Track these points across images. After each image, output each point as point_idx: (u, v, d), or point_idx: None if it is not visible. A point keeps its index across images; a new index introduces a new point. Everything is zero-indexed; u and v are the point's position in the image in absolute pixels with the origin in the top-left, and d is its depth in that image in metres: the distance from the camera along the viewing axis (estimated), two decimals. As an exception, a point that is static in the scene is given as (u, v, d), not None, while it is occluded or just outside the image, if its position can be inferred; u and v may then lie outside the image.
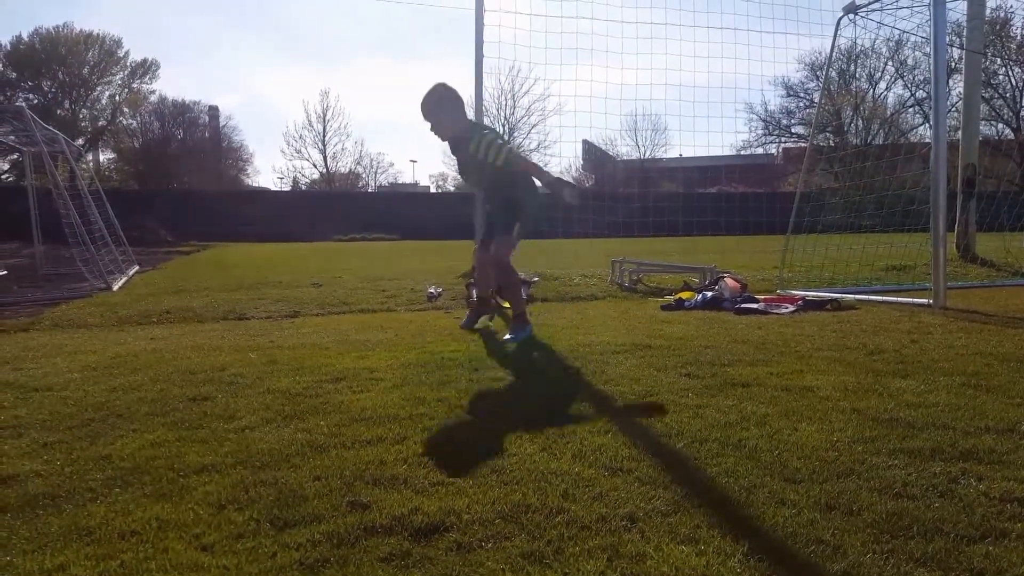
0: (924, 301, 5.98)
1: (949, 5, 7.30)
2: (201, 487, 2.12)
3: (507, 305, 5.17)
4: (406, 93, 76.67)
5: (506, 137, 5.21)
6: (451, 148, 4.90)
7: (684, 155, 39.66)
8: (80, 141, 39.51)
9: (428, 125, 4.66)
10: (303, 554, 1.69)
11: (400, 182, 56.32)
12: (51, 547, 1.76)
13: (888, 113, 43.47)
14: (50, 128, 11.88)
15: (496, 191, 4.93)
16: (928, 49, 6.37)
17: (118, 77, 45.70)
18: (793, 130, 46.65)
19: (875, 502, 1.92)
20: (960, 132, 10.41)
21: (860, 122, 43.35)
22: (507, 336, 4.61)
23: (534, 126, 44.81)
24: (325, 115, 49.59)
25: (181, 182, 45.49)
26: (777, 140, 47.71)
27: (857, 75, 43.99)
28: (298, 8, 75.97)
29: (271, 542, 1.76)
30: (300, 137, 51.17)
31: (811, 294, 6.74)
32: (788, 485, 2.06)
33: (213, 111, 49.95)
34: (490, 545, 1.73)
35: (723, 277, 7.04)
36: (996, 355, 3.82)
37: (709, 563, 1.62)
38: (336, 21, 78.88)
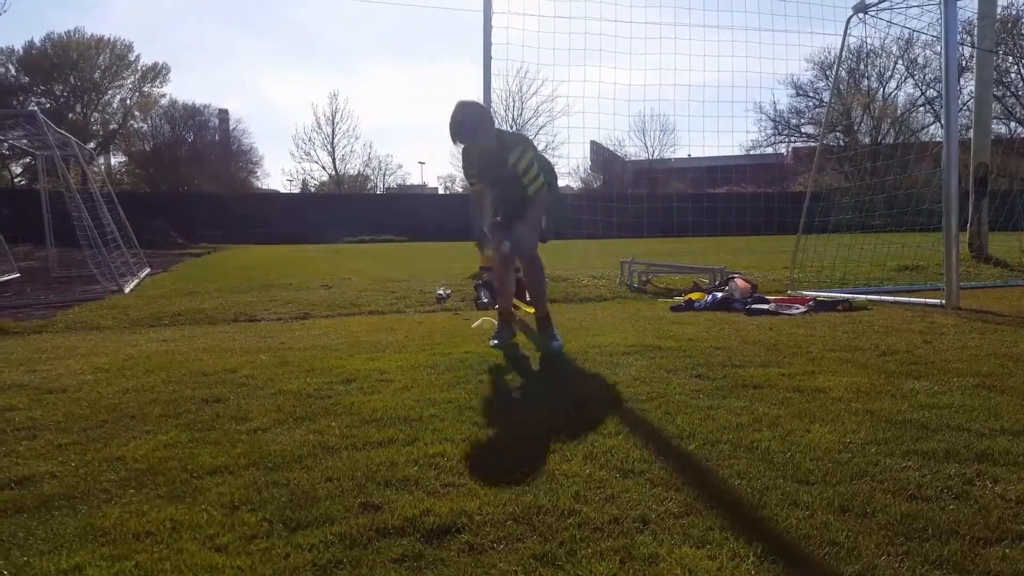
0: (936, 301, 5.94)
1: (960, 3, 7.26)
2: (214, 488, 2.13)
3: (529, 310, 4.87)
4: (414, 95, 76.85)
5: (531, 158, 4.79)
6: (480, 165, 4.48)
7: (693, 155, 39.45)
8: (92, 144, 39.77)
9: (459, 146, 4.37)
10: (316, 555, 1.70)
11: (408, 184, 56.40)
12: (67, 547, 1.77)
13: (898, 112, 43.22)
14: (62, 132, 11.98)
15: (516, 204, 4.45)
16: (939, 48, 6.34)
17: (129, 81, 45.98)
18: (803, 130, 46.44)
19: (889, 504, 1.91)
20: (972, 131, 10.35)
21: (870, 121, 43.13)
22: (554, 343, 4.25)
23: (542, 127, 44.75)
24: (334, 118, 49.74)
25: (192, 185, 45.72)
26: (787, 140, 47.53)
27: (867, 74, 43.78)
28: (307, 11, 76.22)
29: (284, 543, 1.77)
30: (309, 140, 51.48)
31: (822, 295, 6.71)
32: (801, 487, 2.05)
33: (223, 114, 50.17)
34: (502, 547, 1.73)
35: (733, 278, 7.02)
36: (1010, 356, 3.79)
37: (722, 565, 1.62)
38: (344, 24, 79.09)
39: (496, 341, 4.44)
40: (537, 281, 4.50)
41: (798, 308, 5.88)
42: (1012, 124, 39.72)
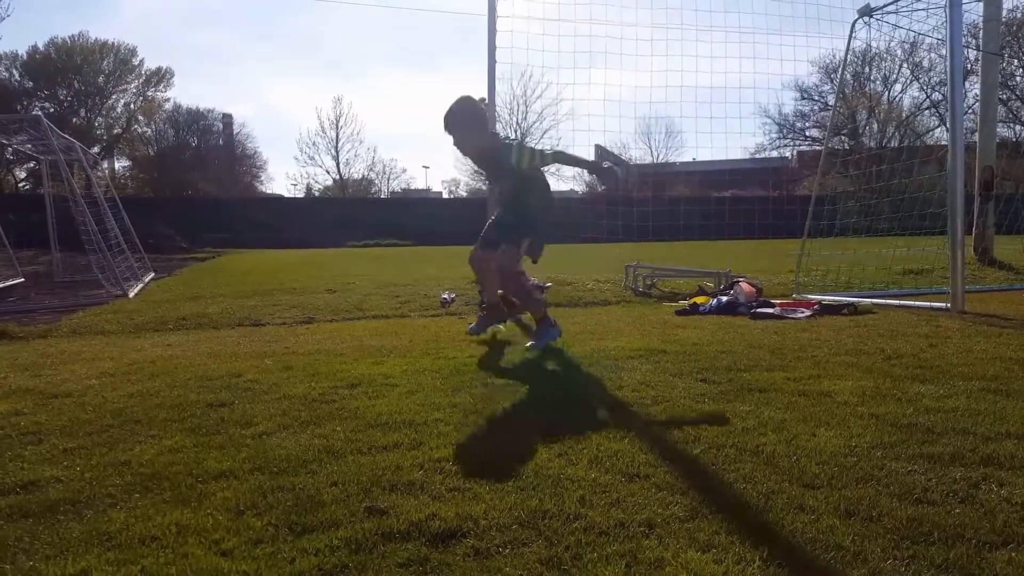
0: (942, 305, 5.93)
1: (965, 6, 7.24)
2: (220, 492, 2.13)
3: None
4: (418, 99, 77.01)
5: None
6: (475, 160, 5.00)
7: (698, 159, 39.57)
8: (96, 149, 39.96)
9: (450, 138, 4.49)
10: (321, 560, 1.70)
11: (413, 188, 56.45)
12: (72, 552, 1.77)
13: (903, 115, 43.16)
14: (66, 136, 12.03)
15: (513, 199, 4.68)
16: (944, 51, 6.35)
17: (133, 85, 46.23)
18: (808, 133, 46.43)
19: (895, 508, 1.91)
20: (977, 134, 10.33)
21: (875, 125, 43.08)
22: (530, 343, 4.47)
23: (546, 131, 44.79)
24: (338, 122, 49.93)
25: (195, 189, 45.87)
26: (792, 143, 47.51)
27: (872, 77, 43.76)
28: (311, 17, 76.55)
29: (289, 547, 1.77)
30: (313, 144, 51.84)
31: (827, 298, 6.70)
32: (806, 491, 2.04)
33: (227, 119, 50.36)
34: (508, 551, 1.73)
35: (738, 281, 7.01)
36: (1016, 359, 3.78)
37: (728, 569, 1.61)
38: (349, 29, 79.41)
39: (474, 327, 4.89)
40: (518, 291, 4.60)
41: (803, 312, 5.86)
42: (1017, 127, 39.71)
